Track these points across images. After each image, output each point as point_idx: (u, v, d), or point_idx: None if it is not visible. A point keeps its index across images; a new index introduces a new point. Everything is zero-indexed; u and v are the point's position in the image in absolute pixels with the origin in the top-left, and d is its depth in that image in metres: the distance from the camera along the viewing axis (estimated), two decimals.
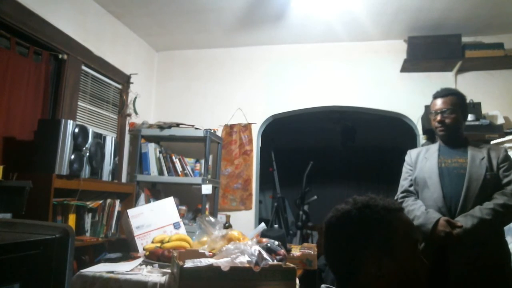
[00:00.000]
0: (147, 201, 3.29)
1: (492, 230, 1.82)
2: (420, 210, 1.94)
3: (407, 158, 2.19)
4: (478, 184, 1.86)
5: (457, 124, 1.99)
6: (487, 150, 1.95)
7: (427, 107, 3.25)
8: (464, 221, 1.79)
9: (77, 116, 2.93)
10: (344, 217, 0.94)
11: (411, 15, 3.17)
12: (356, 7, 3.06)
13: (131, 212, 2.31)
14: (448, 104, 1.98)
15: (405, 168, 2.17)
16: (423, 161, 2.06)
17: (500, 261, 1.82)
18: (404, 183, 2.14)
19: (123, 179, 3.52)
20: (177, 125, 3.50)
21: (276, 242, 1.77)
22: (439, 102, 2.01)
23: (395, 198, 2.16)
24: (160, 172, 3.41)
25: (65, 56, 2.78)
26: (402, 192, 2.13)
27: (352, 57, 3.72)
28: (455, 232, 1.79)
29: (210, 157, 3.47)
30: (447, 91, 2.03)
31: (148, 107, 3.97)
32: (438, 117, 1.99)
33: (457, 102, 2.00)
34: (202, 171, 3.38)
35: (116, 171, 2.93)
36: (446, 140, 2.03)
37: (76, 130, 2.39)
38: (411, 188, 2.09)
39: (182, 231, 2.35)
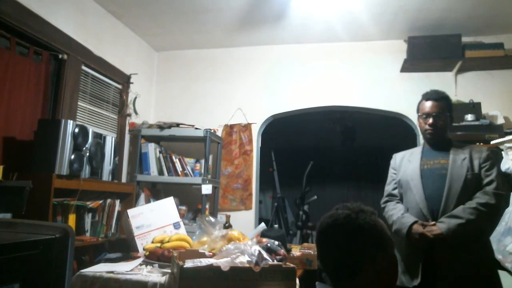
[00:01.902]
0: (147, 201, 3.29)
1: (476, 229, 1.83)
2: (396, 216, 1.97)
3: (392, 162, 2.21)
4: (459, 184, 1.88)
5: (446, 128, 2.03)
6: (469, 150, 1.98)
7: None
8: (448, 221, 1.82)
9: (77, 116, 2.93)
10: (346, 221, 1.04)
11: (411, 15, 3.17)
12: (356, 7, 3.06)
13: (131, 212, 2.31)
14: (440, 108, 2.01)
15: (390, 172, 2.20)
16: (406, 164, 2.09)
17: (484, 259, 1.86)
18: (388, 188, 2.17)
19: (123, 179, 3.52)
20: (177, 125, 3.50)
21: (276, 242, 1.77)
22: (431, 105, 2.03)
23: (381, 202, 2.18)
24: (160, 172, 3.41)
25: (65, 56, 2.78)
26: (385, 197, 2.15)
27: (352, 57, 3.72)
28: (428, 231, 1.82)
29: (210, 157, 3.47)
30: (439, 94, 2.06)
31: (148, 107, 3.97)
32: (431, 120, 2.00)
33: (447, 106, 2.04)
34: (202, 171, 3.38)
35: (116, 171, 2.93)
36: (433, 142, 2.06)
37: (76, 130, 2.39)
38: (395, 192, 2.12)
39: (182, 231, 2.35)
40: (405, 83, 3.57)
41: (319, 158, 5.52)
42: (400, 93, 3.59)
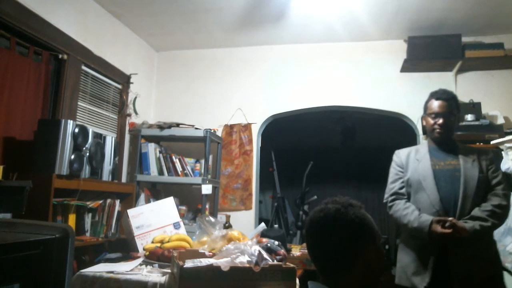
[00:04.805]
0: (147, 201, 3.29)
1: (492, 230, 1.86)
2: (413, 215, 1.94)
3: (395, 158, 2.16)
4: (473, 185, 1.89)
5: (453, 128, 2.04)
6: (477, 152, 2.00)
7: None
8: (472, 223, 1.82)
9: (77, 116, 2.93)
10: (337, 215, 1.05)
11: (411, 15, 3.17)
12: (356, 7, 3.06)
13: (131, 212, 2.31)
14: (449, 108, 2.00)
15: (394, 169, 2.13)
16: (415, 163, 2.04)
17: (491, 256, 1.89)
18: (394, 186, 2.10)
19: (123, 179, 3.52)
20: (177, 125, 3.50)
21: (276, 242, 1.77)
22: (441, 105, 2.01)
23: (384, 201, 2.13)
24: (160, 172, 3.41)
25: (65, 56, 2.78)
26: (391, 195, 2.08)
27: (352, 57, 3.72)
28: (448, 229, 1.80)
29: (210, 157, 3.47)
30: (449, 94, 2.05)
31: (148, 107, 3.97)
32: (441, 120, 1.99)
33: (455, 106, 2.04)
34: (202, 171, 3.38)
35: (116, 171, 2.93)
36: (440, 142, 2.04)
37: (76, 130, 2.39)
38: (402, 191, 2.07)
39: (182, 231, 2.35)
40: (405, 83, 3.57)
41: (319, 158, 5.51)
42: (400, 93, 3.59)
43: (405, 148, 2.19)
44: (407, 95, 3.55)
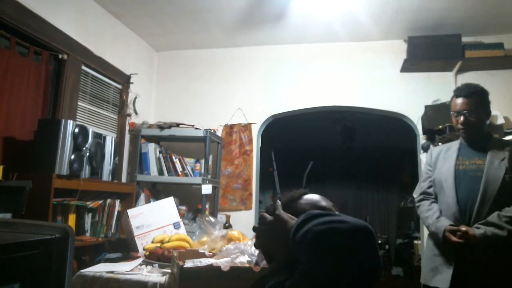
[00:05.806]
0: (147, 201, 3.29)
1: (509, 238, 1.75)
2: (432, 218, 1.90)
3: (427, 157, 2.11)
4: (495, 187, 1.78)
5: (480, 124, 1.91)
6: (510, 149, 1.86)
7: (427, 107, 3.26)
8: (484, 228, 1.75)
9: (77, 116, 2.93)
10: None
11: (411, 15, 3.17)
12: (356, 7, 3.06)
13: (131, 212, 2.31)
14: (471, 105, 1.88)
15: (425, 167, 2.10)
16: (442, 162, 1.98)
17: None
18: (423, 185, 2.07)
19: (123, 179, 3.52)
20: (177, 125, 3.50)
21: None
22: (462, 102, 1.90)
23: (415, 199, 2.12)
24: (160, 172, 3.41)
25: (65, 56, 2.77)
26: (419, 195, 2.06)
27: (352, 57, 3.72)
28: (460, 239, 1.77)
29: (210, 157, 3.47)
30: (471, 89, 1.92)
31: (148, 107, 3.97)
32: (461, 119, 1.89)
33: (480, 101, 1.90)
34: (202, 171, 3.38)
35: (116, 171, 2.93)
36: (468, 140, 1.96)
37: (76, 130, 2.39)
38: (430, 190, 2.02)
39: (182, 231, 2.35)
40: (405, 83, 3.57)
41: (319, 158, 5.52)
42: (400, 93, 3.59)
43: (440, 146, 2.13)
44: (407, 95, 3.55)
